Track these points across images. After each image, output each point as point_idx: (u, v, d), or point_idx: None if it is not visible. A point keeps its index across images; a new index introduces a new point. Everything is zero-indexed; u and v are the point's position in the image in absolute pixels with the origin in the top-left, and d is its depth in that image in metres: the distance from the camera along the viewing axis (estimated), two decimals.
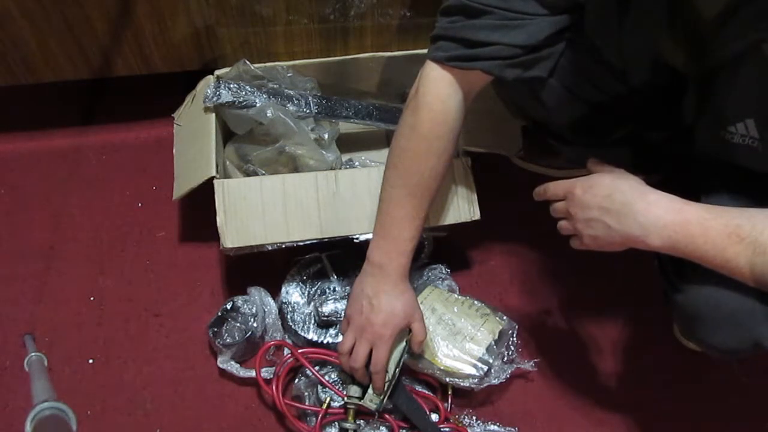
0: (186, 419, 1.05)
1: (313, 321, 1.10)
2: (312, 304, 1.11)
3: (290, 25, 1.15)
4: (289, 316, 1.10)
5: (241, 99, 1.08)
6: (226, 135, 1.17)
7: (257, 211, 1.03)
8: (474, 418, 1.05)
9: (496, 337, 1.05)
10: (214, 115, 1.11)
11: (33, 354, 1.05)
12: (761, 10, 0.63)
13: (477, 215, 1.09)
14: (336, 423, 1.01)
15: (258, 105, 1.08)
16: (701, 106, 0.78)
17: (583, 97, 0.93)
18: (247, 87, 1.10)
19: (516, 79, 0.86)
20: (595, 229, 0.77)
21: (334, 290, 1.13)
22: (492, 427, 1.04)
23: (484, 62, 0.83)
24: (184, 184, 1.08)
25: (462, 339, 1.04)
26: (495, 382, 1.02)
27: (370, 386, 0.96)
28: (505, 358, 1.05)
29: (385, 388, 0.95)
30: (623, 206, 0.74)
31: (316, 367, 1.03)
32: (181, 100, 1.17)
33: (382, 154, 1.19)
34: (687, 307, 0.79)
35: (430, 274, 1.15)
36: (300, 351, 1.04)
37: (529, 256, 1.24)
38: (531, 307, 1.19)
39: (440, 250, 1.19)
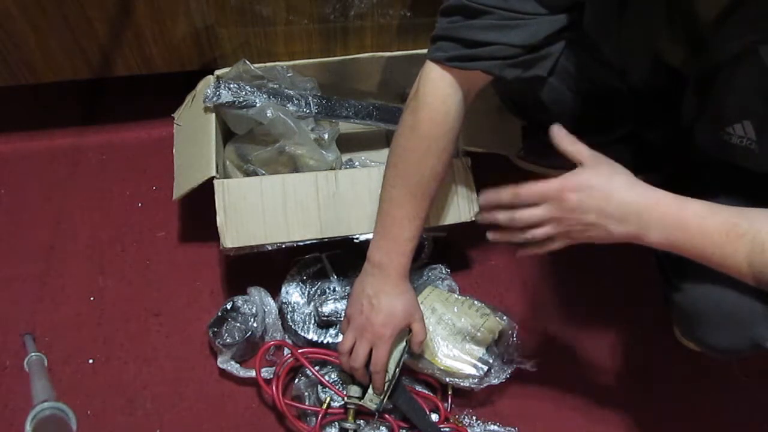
0: (186, 419, 1.05)
1: (313, 321, 1.10)
2: (312, 304, 1.11)
3: (290, 25, 1.15)
4: (289, 316, 1.10)
5: (241, 99, 1.08)
6: (226, 135, 1.17)
7: (257, 211, 1.03)
8: (474, 418, 1.05)
9: (496, 337, 1.05)
10: (214, 115, 1.11)
11: (33, 354, 1.05)
12: (757, 12, 0.63)
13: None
14: (336, 423, 1.01)
15: (258, 105, 1.08)
16: (700, 107, 0.78)
17: (583, 97, 0.93)
18: (247, 87, 1.10)
19: (516, 79, 0.86)
20: (593, 232, 0.74)
21: (334, 290, 1.13)
22: (492, 427, 1.04)
23: (484, 62, 0.84)
24: (184, 184, 1.08)
25: (462, 339, 1.04)
26: (495, 382, 1.02)
27: (370, 386, 0.96)
28: (505, 358, 1.05)
29: (385, 388, 0.95)
30: (624, 207, 0.72)
31: (316, 367, 1.03)
32: (181, 100, 1.18)
33: (382, 154, 1.19)
34: (686, 306, 0.79)
35: (430, 274, 1.15)
36: (300, 351, 1.04)
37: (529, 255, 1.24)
38: (531, 307, 1.19)
39: (440, 250, 1.19)
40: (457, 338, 1.04)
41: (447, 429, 1.02)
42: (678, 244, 0.71)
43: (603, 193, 0.73)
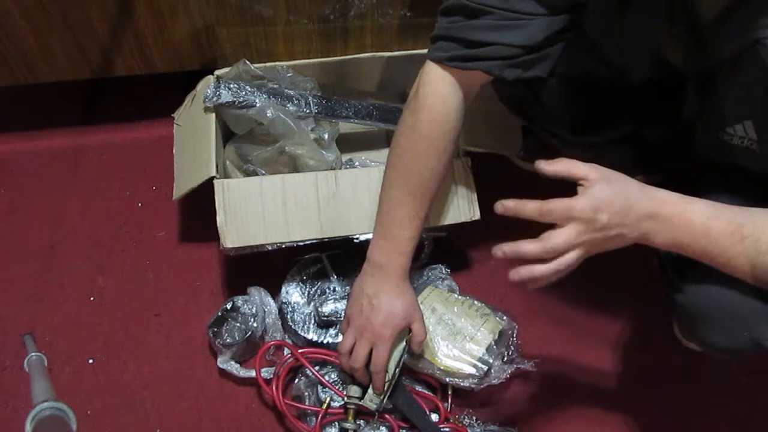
0: (186, 419, 1.05)
1: (313, 321, 1.10)
2: (312, 304, 1.11)
3: (290, 25, 1.15)
4: (289, 316, 1.10)
5: (241, 99, 1.08)
6: (226, 135, 1.17)
7: (257, 211, 1.03)
8: (474, 418, 1.05)
9: (496, 337, 1.05)
10: (214, 115, 1.10)
11: (33, 354, 1.05)
12: (757, 11, 0.63)
13: (477, 215, 1.09)
14: (336, 423, 1.01)
15: (258, 105, 1.08)
16: (701, 107, 0.78)
17: (583, 97, 0.93)
18: (247, 87, 1.10)
19: (516, 79, 0.86)
20: (611, 243, 0.72)
21: (334, 290, 1.13)
22: (492, 427, 1.04)
23: (484, 62, 0.84)
24: (184, 184, 1.08)
25: (462, 339, 1.04)
26: (495, 382, 1.02)
27: (370, 386, 0.96)
28: (505, 358, 1.05)
29: (385, 388, 0.95)
30: (639, 215, 0.71)
31: (316, 367, 1.03)
32: (181, 100, 1.17)
33: (382, 154, 1.19)
34: (687, 306, 0.79)
35: (430, 274, 1.15)
36: (300, 351, 1.04)
37: None
38: (531, 307, 1.19)
39: (440, 250, 1.18)
40: (457, 338, 1.04)
41: (447, 429, 1.02)
42: (683, 244, 0.71)
43: (624, 206, 0.70)
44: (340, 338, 0.99)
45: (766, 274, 0.67)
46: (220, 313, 1.09)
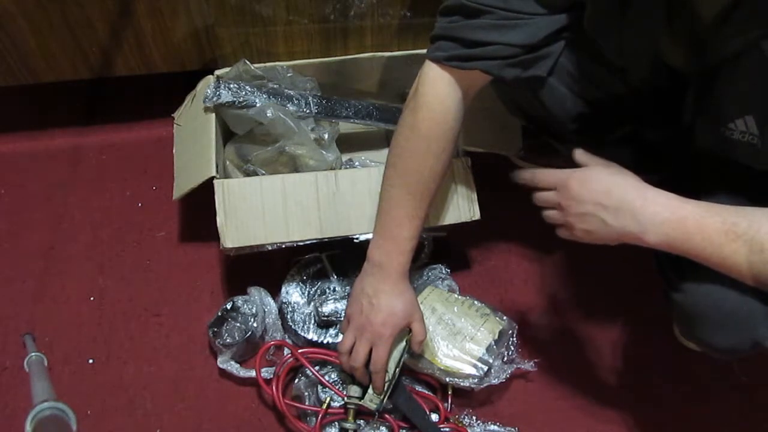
0: (186, 419, 1.05)
1: (313, 321, 1.10)
2: (312, 304, 1.11)
3: (290, 25, 1.15)
4: (289, 316, 1.10)
5: (241, 99, 1.08)
6: (226, 135, 1.17)
7: (257, 211, 1.03)
8: (474, 418, 1.05)
9: (496, 337, 1.05)
10: (214, 115, 1.11)
11: (33, 354, 1.05)
12: (759, 9, 0.63)
13: (477, 215, 1.09)
14: (336, 423, 1.01)
15: (258, 105, 1.08)
16: (701, 104, 0.78)
17: (582, 97, 0.93)
18: (247, 87, 1.10)
19: (515, 79, 0.86)
20: (590, 224, 0.76)
21: (334, 290, 1.13)
22: (492, 427, 1.04)
23: (483, 62, 0.84)
24: (184, 184, 1.08)
25: (462, 339, 1.04)
26: (495, 382, 1.02)
27: (370, 386, 0.96)
28: (505, 358, 1.05)
29: (385, 388, 0.95)
30: (621, 203, 0.74)
31: (316, 367, 1.03)
32: (181, 100, 1.18)
33: (382, 154, 1.19)
34: (686, 306, 0.79)
35: (430, 274, 1.15)
36: (300, 351, 1.04)
37: (529, 256, 1.24)
38: (531, 307, 1.19)
39: (440, 250, 1.19)
40: (457, 338, 1.04)
41: (447, 429, 1.02)
42: (676, 244, 0.71)
43: (604, 187, 0.75)
44: (340, 338, 0.99)
45: (762, 273, 0.67)
46: (220, 313, 1.09)
